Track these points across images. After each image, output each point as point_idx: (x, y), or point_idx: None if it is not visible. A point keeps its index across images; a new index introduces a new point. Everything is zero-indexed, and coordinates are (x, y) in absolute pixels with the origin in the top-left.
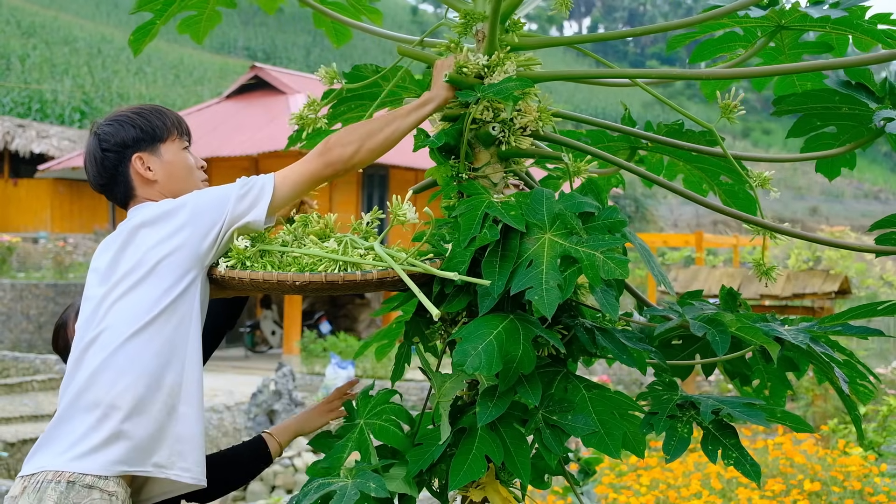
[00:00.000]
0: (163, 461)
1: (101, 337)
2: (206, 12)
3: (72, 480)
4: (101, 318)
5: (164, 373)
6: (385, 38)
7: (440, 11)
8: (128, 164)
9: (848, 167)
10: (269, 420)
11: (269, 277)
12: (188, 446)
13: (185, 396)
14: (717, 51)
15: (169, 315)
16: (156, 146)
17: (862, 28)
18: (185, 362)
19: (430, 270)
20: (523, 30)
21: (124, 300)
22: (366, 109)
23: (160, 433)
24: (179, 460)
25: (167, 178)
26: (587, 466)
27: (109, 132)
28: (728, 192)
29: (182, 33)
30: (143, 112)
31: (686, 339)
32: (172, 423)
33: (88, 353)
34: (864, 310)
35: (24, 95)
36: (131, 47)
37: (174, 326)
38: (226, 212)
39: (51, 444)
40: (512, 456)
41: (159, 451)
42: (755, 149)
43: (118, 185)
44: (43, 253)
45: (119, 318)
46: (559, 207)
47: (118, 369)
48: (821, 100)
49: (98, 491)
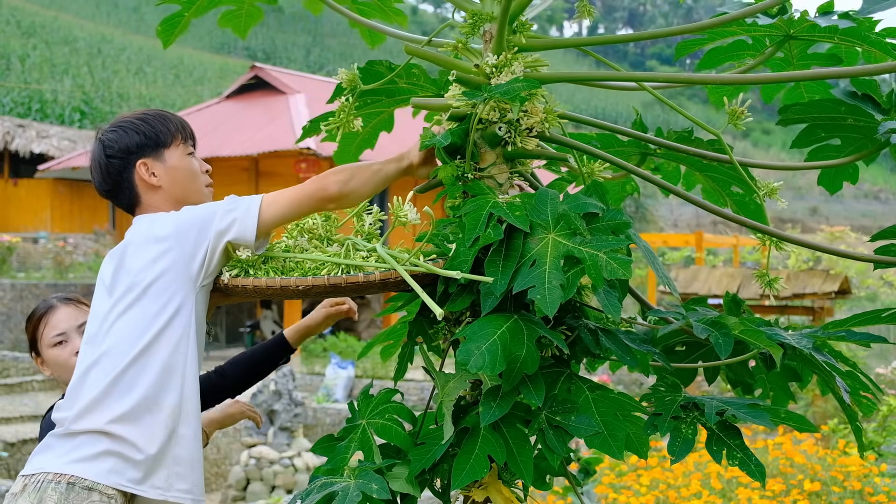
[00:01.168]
0: (161, 483)
1: (103, 361)
2: (246, 7)
3: (72, 482)
4: (103, 338)
5: (163, 396)
6: (394, 37)
7: (440, 11)
8: (132, 170)
9: (850, 181)
10: (269, 420)
11: (273, 283)
12: (187, 468)
13: (185, 417)
14: (725, 59)
15: (164, 339)
16: (160, 152)
17: (870, 40)
18: (183, 384)
19: (432, 270)
20: (529, 31)
21: (121, 321)
22: (382, 105)
23: (160, 455)
24: (178, 482)
25: (172, 184)
26: (587, 466)
27: (114, 138)
28: (739, 202)
29: (223, 27)
30: (146, 118)
31: (689, 345)
32: (172, 445)
33: (91, 375)
34: (867, 316)
35: (24, 95)
36: (161, 39)
37: (171, 350)
38: (211, 232)
39: (53, 448)
40: (515, 456)
41: (158, 473)
42: (755, 149)
43: (123, 191)
44: (43, 253)
45: (118, 341)
46: (563, 208)
47: (118, 395)
48: (826, 110)
49: (98, 493)
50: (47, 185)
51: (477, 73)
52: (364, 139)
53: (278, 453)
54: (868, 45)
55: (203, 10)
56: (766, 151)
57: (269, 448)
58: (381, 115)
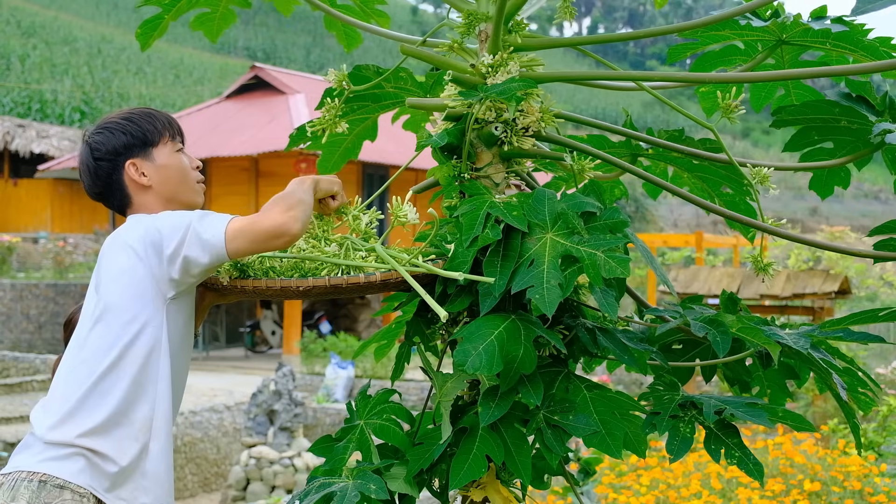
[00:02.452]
0: (126, 495)
1: (79, 369)
2: (220, 10)
3: (43, 480)
4: (83, 345)
5: (133, 411)
6: (388, 38)
7: (440, 11)
8: (121, 171)
9: (842, 185)
10: (269, 420)
11: (273, 285)
12: (152, 482)
13: (155, 432)
14: (717, 64)
15: (131, 355)
16: (148, 151)
17: (863, 45)
18: (155, 398)
19: (433, 270)
20: (526, 31)
21: (95, 330)
22: (368, 111)
23: (131, 469)
24: (142, 495)
25: (162, 182)
26: (587, 466)
27: (100, 141)
28: (729, 203)
29: (195, 30)
30: (132, 117)
31: (686, 343)
32: (141, 459)
33: (69, 382)
34: (865, 315)
35: (24, 95)
36: (139, 41)
37: (139, 366)
38: (176, 249)
39: (29, 449)
40: (513, 456)
41: (125, 486)
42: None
43: (114, 193)
44: (43, 253)
45: (92, 352)
46: (561, 207)
47: (90, 408)
48: (820, 111)
49: (69, 492)
50: (47, 185)
51: (473, 72)
52: (348, 148)
53: (278, 453)
54: (861, 50)
55: (181, 12)
56: (766, 151)
57: (269, 448)
58: (367, 121)
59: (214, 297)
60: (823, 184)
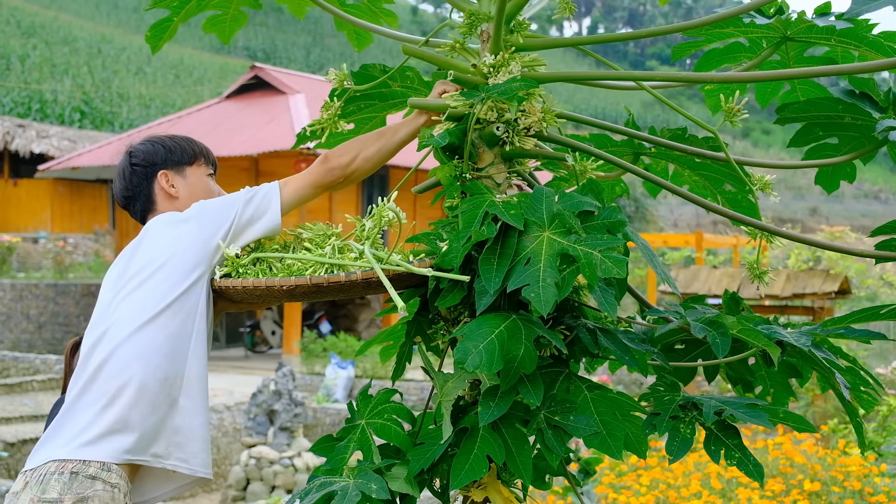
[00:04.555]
0: (161, 451)
1: (109, 332)
2: (231, 12)
3: (75, 471)
4: (110, 316)
5: (167, 365)
6: (391, 38)
7: (440, 11)
8: (153, 179)
9: (848, 180)
10: (269, 420)
11: (259, 284)
12: (186, 437)
13: (187, 389)
14: (722, 61)
15: (175, 310)
16: (182, 167)
17: (868, 41)
18: (188, 356)
19: (409, 268)
20: (527, 31)
21: (132, 297)
22: (375, 110)
23: (161, 423)
24: (177, 451)
25: (189, 197)
26: (587, 466)
27: (141, 150)
28: (731, 200)
29: (207, 32)
30: (175, 137)
31: (688, 343)
32: (172, 414)
33: (96, 350)
34: (866, 313)
35: (24, 95)
36: (149, 44)
37: (180, 321)
38: (234, 213)
39: (56, 437)
40: (514, 456)
41: (158, 442)
42: (755, 149)
43: (140, 198)
44: (43, 253)
45: (126, 314)
46: (558, 206)
47: (123, 360)
48: (824, 108)
49: (101, 482)
50: (47, 185)
51: (474, 72)
52: None
53: (278, 453)
54: (866, 46)
55: (191, 15)
56: (766, 151)
57: (269, 448)
58: (374, 119)
59: (226, 305)
60: (829, 178)
